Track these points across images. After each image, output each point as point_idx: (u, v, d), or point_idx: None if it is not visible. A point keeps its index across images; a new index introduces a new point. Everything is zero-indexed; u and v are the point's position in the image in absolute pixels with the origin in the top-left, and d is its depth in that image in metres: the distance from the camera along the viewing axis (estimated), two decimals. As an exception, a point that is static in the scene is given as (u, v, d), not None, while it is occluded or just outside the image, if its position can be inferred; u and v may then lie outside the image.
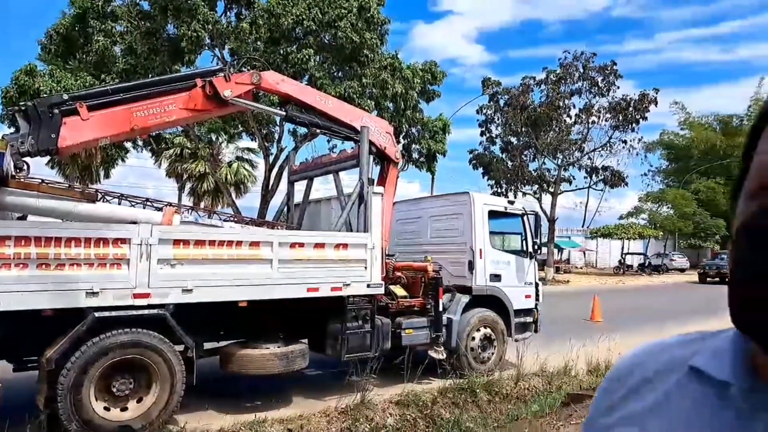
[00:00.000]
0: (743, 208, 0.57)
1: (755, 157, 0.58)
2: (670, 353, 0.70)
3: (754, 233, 0.52)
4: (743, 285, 0.53)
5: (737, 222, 0.57)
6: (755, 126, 0.60)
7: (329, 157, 8.78)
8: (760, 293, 0.50)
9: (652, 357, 0.71)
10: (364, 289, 6.93)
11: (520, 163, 33.00)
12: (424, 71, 18.06)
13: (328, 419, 6.06)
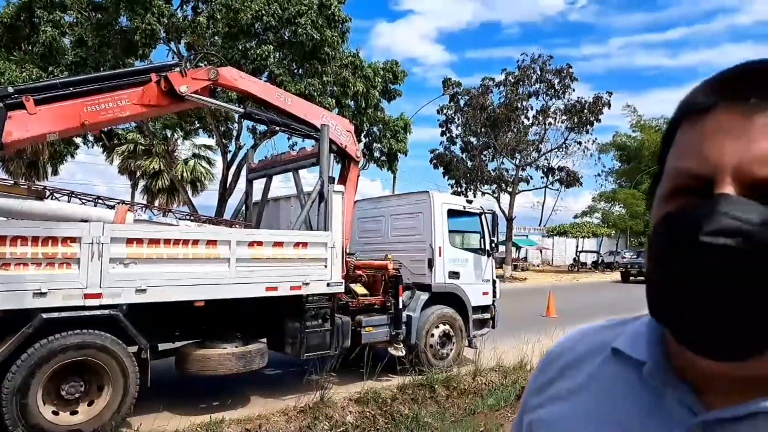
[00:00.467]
0: (657, 210, 0.61)
1: (667, 162, 0.62)
2: (595, 337, 0.75)
3: (663, 236, 0.56)
4: (657, 283, 0.56)
5: (652, 223, 0.61)
6: (668, 131, 0.64)
7: (289, 155, 8.72)
8: (670, 291, 0.54)
9: (580, 341, 0.77)
10: (324, 288, 6.91)
11: (479, 162, 33.57)
12: (385, 70, 18.09)
13: (287, 418, 6.03)
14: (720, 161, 0.55)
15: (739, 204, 0.52)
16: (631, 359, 0.66)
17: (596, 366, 0.71)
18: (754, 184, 0.53)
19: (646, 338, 0.66)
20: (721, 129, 0.56)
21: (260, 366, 6.57)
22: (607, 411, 0.66)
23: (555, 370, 0.76)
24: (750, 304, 0.50)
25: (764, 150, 0.53)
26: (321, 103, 14.07)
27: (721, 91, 0.57)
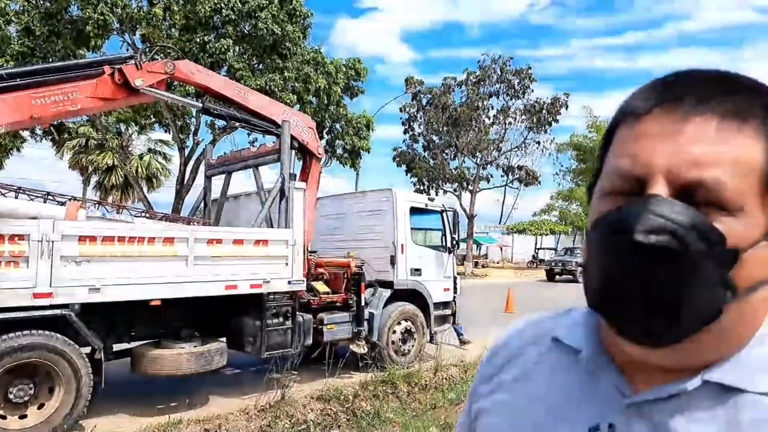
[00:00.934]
0: (595, 207, 0.64)
1: (605, 162, 0.65)
2: (537, 328, 0.80)
3: (600, 233, 0.59)
4: (594, 276, 0.61)
5: (590, 219, 0.64)
6: (607, 132, 0.67)
7: (249, 151, 8.58)
8: (606, 284, 0.59)
9: (523, 332, 0.82)
10: (285, 286, 6.85)
11: (441, 161, 33.92)
12: (347, 67, 18.01)
13: (248, 417, 5.96)
14: (653, 163, 0.58)
15: (669, 205, 0.55)
16: (570, 347, 0.71)
17: (538, 355, 0.75)
18: (683, 185, 0.57)
19: (583, 328, 0.71)
20: (655, 133, 0.59)
21: (220, 365, 6.46)
22: (547, 396, 0.70)
23: (501, 360, 0.80)
24: (673, 297, 0.55)
25: (693, 154, 0.57)
26: (282, 99, 13.91)
27: (657, 97, 0.61)
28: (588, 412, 0.65)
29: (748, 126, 0.58)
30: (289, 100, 15.22)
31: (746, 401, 0.58)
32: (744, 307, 0.59)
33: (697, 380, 0.59)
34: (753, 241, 0.57)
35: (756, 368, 0.59)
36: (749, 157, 0.57)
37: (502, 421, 0.74)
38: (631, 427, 0.61)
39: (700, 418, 0.59)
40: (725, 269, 0.56)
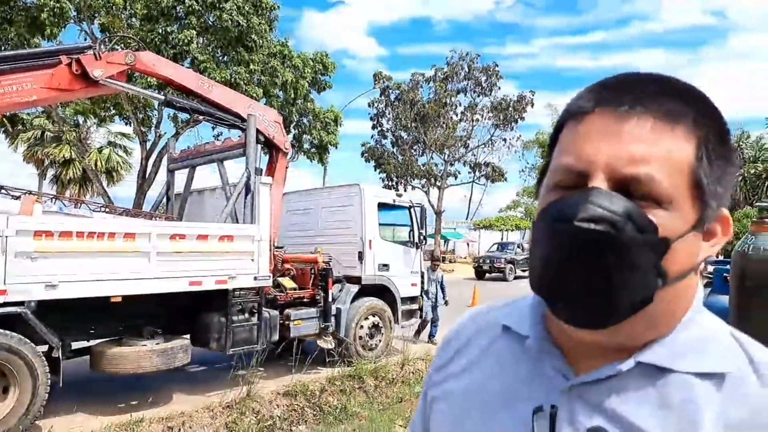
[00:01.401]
0: (542, 199, 0.68)
1: (552, 158, 0.69)
2: (488, 316, 0.84)
3: (545, 222, 0.64)
4: (538, 262, 0.64)
5: (539, 208, 0.68)
6: (555, 131, 0.71)
7: (213, 145, 8.44)
8: (547, 269, 0.63)
9: (475, 321, 0.85)
10: (251, 282, 6.79)
11: (409, 157, 34.03)
12: (315, 61, 17.82)
13: (212, 414, 5.89)
14: (594, 160, 0.62)
15: (607, 196, 0.60)
16: (517, 334, 0.75)
17: (488, 342, 0.79)
18: (620, 180, 0.61)
19: (529, 315, 0.75)
20: (596, 131, 0.64)
21: (183, 363, 6.36)
22: (496, 381, 0.74)
23: (454, 348, 0.83)
24: (609, 281, 0.59)
25: (630, 152, 0.61)
26: (248, 92, 13.71)
27: (598, 98, 0.65)
28: (533, 394, 0.69)
29: (679, 127, 0.62)
30: (255, 93, 14.98)
31: (674, 380, 0.63)
32: (673, 293, 0.64)
33: (631, 362, 0.64)
34: (682, 232, 0.62)
35: (683, 350, 0.64)
36: (680, 156, 0.62)
37: (453, 408, 0.77)
38: (572, 408, 0.65)
39: (634, 397, 0.63)
40: (657, 257, 0.61)
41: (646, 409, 0.62)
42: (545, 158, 0.73)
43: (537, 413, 0.66)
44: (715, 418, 0.60)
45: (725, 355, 0.64)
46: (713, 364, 0.63)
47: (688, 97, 0.65)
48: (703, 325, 0.67)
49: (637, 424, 0.62)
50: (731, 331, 0.69)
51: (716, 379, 0.62)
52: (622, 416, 0.63)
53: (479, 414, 0.72)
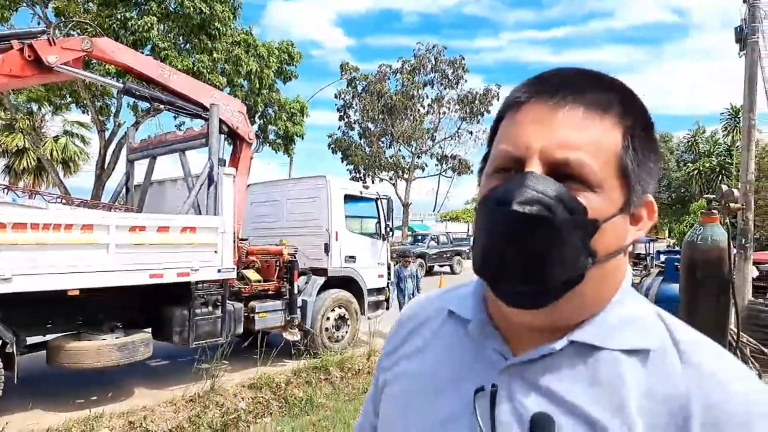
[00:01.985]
0: (483, 185, 0.72)
1: (493, 145, 0.73)
2: (436, 302, 0.87)
3: (486, 206, 0.67)
4: (479, 245, 0.68)
5: (480, 193, 0.71)
6: (496, 120, 0.75)
7: (175, 135, 8.25)
8: (487, 251, 0.66)
9: (425, 306, 0.88)
10: (215, 275, 6.70)
11: (377, 149, 34.01)
12: (280, 50, 17.52)
13: (175, 408, 5.82)
14: (529, 146, 0.66)
15: (541, 180, 0.64)
16: (462, 318, 0.79)
17: (436, 327, 0.82)
18: (553, 164, 0.65)
19: (472, 300, 0.79)
20: (531, 120, 0.68)
21: (144, 357, 6.27)
22: (442, 364, 0.77)
23: (405, 332, 0.86)
24: (543, 259, 0.63)
25: (562, 137, 0.66)
26: (211, 81, 13.40)
27: (534, 90, 0.70)
28: (475, 375, 0.72)
29: (607, 117, 0.67)
30: (219, 82, 14.65)
31: (604, 357, 0.67)
32: (603, 273, 0.68)
33: (564, 341, 0.68)
34: (610, 214, 0.66)
35: (612, 328, 0.68)
36: (608, 143, 0.67)
37: (402, 390, 0.80)
38: (511, 387, 0.69)
39: (567, 375, 0.67)
40: (587, 238, 0.64)
41: (579, 385, 0.66)
42: (487, 148, 0.76)
43: (478, 393, 0.69)
44: (639, 392, 0.64)
45: (650, 333, 0.69)
46: (639, 342, 0.67)
47: (616, 91, 0.70)
48: (631, 305, 0.71)
49: (570, 400, 0.65)
50: (657, 311, 0.73)
51: (641, 355, 0.67)
52: (557, 393, 0.66)
53: (427, 396, 0.75)
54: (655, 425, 0.62)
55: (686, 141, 42.71)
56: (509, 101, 0.72)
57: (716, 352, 0.68)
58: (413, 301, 0.93)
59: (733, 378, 0.64)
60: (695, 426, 0.61)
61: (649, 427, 0.62)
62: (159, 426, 5.54)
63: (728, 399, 0.62)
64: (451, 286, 0.90)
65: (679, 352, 0.67)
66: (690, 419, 0.61)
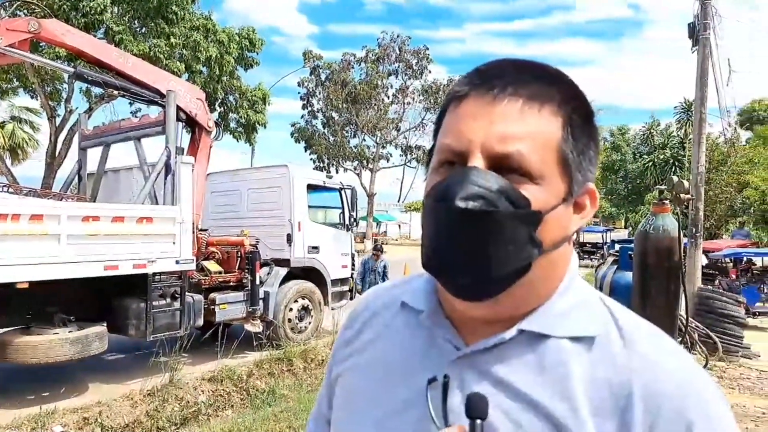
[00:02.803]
0: (429, 179, 0.72)
1: (437, 139, 0.73)
2: (389, 293, 0.87)
3: (431, 201, 0.68)
4: (425, 241, 0.69)
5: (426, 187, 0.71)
6: (440, 114, 0.74)
7: (130, 122, 8.01)
8: (434, 246, 0.67)
9: (378, 297, 0.89)
10: (173, 266, 6.58)
11: (341, 138, 33.78)
12: (241, 36, 17.12)
13: (132, 403, 5.67)
14: (471, 139, 0.67)
15: (483, 175, 0.64)
16: (414, 309, 0.79)
17: (389, 318, 0.83)
18: (494, 158, 0.66)
19: (424, 291, 0.79)
20: (471, 113, 0.68)
21: (99, 351, 6.11)
22: (396, 355, 0.77)
23: (358, 324, 0.86)
24: (488, 253, 0.64)
25: (501, 131, 0.66)
26: (168, 68, 13.04)
27: (473, 83, 0.70)
28: (428, 366, 0.72)
29: (546, 107, 0.68)
30: (177, 69, 14.24)
31: (551, 345, 0.69)
32: (549, 262, 0.69)
33: (513, 330, 0.69)
34: (553, 205, 0.67)
35: (559, 316, 0.70)
36: (548, 135, 0.67)
37: (356, 381, 0.80)
38: (462, 377, 0.70)
39: (517, 363, 0.69)
40: (532, 229, 0.65)
41: (528, 373, 0.68)
42: (432, 140, 0.76)
43: (431, 383, 0.70)
44: (585, 377, 0.66)
45: (595, 320, 0.71)
46: (584, 329, 0.69)
47: (554, 81, 0.70)
48: (576, 293, 0.73)
49: (519, 388, 0.67)
50: (601, 297, 0.75)
51: (587, 341, 0.69)
52: (507, 381, 0.68)
53: (379, 387, 0.76)
54: (600, 408, 0.64)
55: (642, 134, 44.04)
56: (450, 95, 0.72)
57: (655, 335, 0.70)
58: (365, 294, 0.93)
59: (669, 358, 0.67)
60: (637, 405, 0.64)
61: (595, 410, 0.64)
62: (115, 421, 5.39)
63: (665, 378, 0.65)
64: (403, 278, 0.91)
65: (622, 336, 0.69)
66: (632, 399, 0.64)
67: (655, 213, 4.46)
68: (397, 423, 0.72)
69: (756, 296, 12.52)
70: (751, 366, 7.55)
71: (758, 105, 44.77)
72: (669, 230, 4.31)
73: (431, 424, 0.68)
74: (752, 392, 6.36)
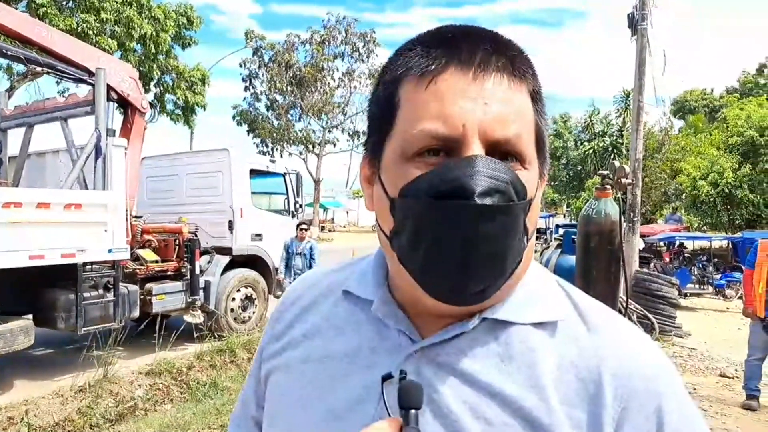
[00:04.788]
0: (400, 170, 0.61)
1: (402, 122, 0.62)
2: (327, 280, 0.79)
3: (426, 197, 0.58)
4: (421, 244, 0.60)
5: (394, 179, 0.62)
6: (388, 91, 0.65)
7: (55, 102, 7.51)
8: (443, 259, 0.58)
9: (313, 285, 0.80)
10: (105, 255, 6.29)
11: (285, 122, 33.12)
12: (178, 14, 16.32)
13: (63, 400, 5.38)
14: (465, 123, 0.58)
15: (492, 164, 0.57)
16: (360, 298, 0.72)
17: (329, 308, 0.75)
18: (494, 143, 0.59)
19: (372, 279, 0.72)
20: (458, 92, 0.59)
21: (25, 346, 5.76)
22: (340, 349, 0.70)
23: (291, 316, 0.78)
24: (502, 250, 0.58)
25: (497, 113, 0.59)
26: (99, 44, 12.29)
27: (447, 55, 0.60)
28: (381, 361, 0.66)
29: (524, 84, 0.62)
30: (108, 46, 13.45)
31: (514, 332, 0.65)
32: (529, 250, 0.65)
33: (476, 319, 0.64)
34: (536, 188, 0.63)
35: (522, 302, 0.66)
36: (529, 114, 0.63)
37: (290, 380, 0.72)
38: (420, 371, 0.64)
39: (480, 353, 0.64)
40: (524, 218, 0.60)
41: (492, 362, 0.64)
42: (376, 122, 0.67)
43: (386, 380, 0.63)
44: (551, 363, 0.63)
45: (556, 305, 0.68)
46: (548, 314, 0.66)
47: (521, 52, 0.64)
48: (536, 278, 0.70)
49: (484, 380, 0.63)
50: (558, 280, 0.73)
51: (550, 327, 0.66)
52: (470, 373, 0.63)
53: (323, 383, 0.69)
54: (568, 396, 0.62)
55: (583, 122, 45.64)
56: (412, 67, 0.62)
57: (614, 317, 0.69)
58: (298, 281, 0.84)
59: (635, 342, 0.67)
60: (607, 391, 0.61)
61: (563, 397, 0.62)
62: (44, 420, 5.09)
63: (634, 359, 0.64)
64: (341, 263, 0.82)
65: (584, 320, 0.67)
66: (601, 386, 0.62)
67: (597, 197, 4.57)
68: (345, 423, 0.65)
69: (687, 278, 13.26)
70: (683, 345, 7.98)
71: (690, 95, 47.32)
72: (610, 214, 4.42)
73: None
74: (684, 369, 6.72)
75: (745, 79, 43.45)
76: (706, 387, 6.04)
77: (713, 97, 46.88)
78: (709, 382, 6.27)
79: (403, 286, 0.66)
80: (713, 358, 7.25)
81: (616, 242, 4.36)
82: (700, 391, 5.85)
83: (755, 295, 5.16)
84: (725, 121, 24.72)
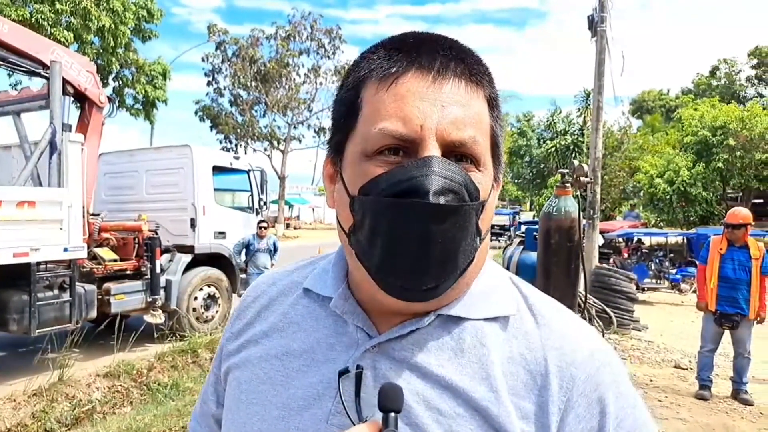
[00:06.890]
0: (359, 169, 0.63)
1: (364, 122, 0.64)
2: (287, 278, 0.81)
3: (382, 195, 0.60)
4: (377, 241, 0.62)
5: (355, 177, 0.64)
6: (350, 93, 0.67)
7: (7, 95, 7.19)
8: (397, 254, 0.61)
9: (273, 284, 0.81)
10: (60, 254, 6.09)
11: (250, 118, 32.61)
12: (137, 6, 15.86)
13: (15, 405, 5.20)
14: (423, 124, 0.61)
15: (447, 165, 0.60)
16: (320, 296, 0.74)
17: (288, 306, 0.77)
18: (449, 145, 0.61)
19: (332, 277, 0.74)
20: (417, 94, 0.62)
21: (-27, 350, 5.47)
22: (298, 346, 0.72)
23: (251, 314, 0.79)
24: (454, 249, 0.60)
25: (453, 115, 0.61)
26: (54, 36, 11.85)
27: (408, 59, 0.63)
28: (338, 356, 0.68)
29: (481, 89, 0.65)
30: (64, 38, 12.97)
31: (468, 327, 0.68)
32: (481, 251, 0.67)
33: (431, 315, 0.67)
34: (489, 191, 0.65)
35: (476, 299, 0.69)
36: (485, 118, 0.65)
37: (250, 377, 0.73)
38: (376, 366, 0.66)
39: (434, 347, 0.67)
40: (477, 219, 0.63)
41: (446, 357, 0.66)
42: (339, 121, 0.68)
43: (342, 375, 0.65)
44: (502, 357, 0.66)
45: (508, 300, 0.70)
46: (499, 309, 0.69)
47: (479, 60, 0.67)
48: (491, 275, 0.72)
49: (438, 374, 0.65)
50: (510, 276, 0.75)
51: (502, 321, 0.69)
52: (424, 367, 0.65)
53: (279, 381, 0.70)
54: (517, 388, 0.64)
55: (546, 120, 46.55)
56: (373, 71, 0.65)
57: (562, 310, 0.72)
58: (258, 280, 0.85)
59: (579, 334, 0.69)
60: (553, 383, 0.64)
61: (512, 388, 0.64)
62: (-5, 426, 4.90)
63: (577, 351, 0.67)
64: (302, 261, 0.84)
65: (534, 314, 0.70)
66: (548, 378, 0.64)
67: (557, 195, 4.67)
68: (302, 419, 0.67)
69: (645, 273, 13.72)
70: (641, 338, 8.24)
71: (647, 95, 48.83)
72: (570, 211, 4.53)
73: (344, 419, 0.63)
74: (642, 361, 6.95)
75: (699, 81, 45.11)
76: (662, 378, 6.26)
77: (669, 98, 48.55)
78: (665, 373, 6.49)
79: (362, 283, 0.68)
80: (669, 351, 7.51)
81: (576, 239, 4.47)
82: (656, 382, 6.06)
83: (707, 289, 5.37)
84: (680, 121, 25.60)
